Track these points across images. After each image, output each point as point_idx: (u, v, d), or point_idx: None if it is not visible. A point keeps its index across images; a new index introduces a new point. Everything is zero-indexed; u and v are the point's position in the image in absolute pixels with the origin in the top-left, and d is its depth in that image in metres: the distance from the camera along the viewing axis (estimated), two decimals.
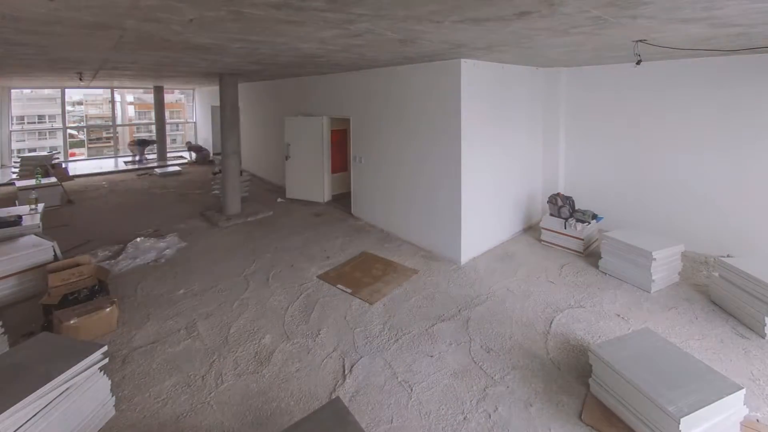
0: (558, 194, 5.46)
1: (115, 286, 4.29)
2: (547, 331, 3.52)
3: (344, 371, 3.04)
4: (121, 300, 4.01)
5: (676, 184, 5.18)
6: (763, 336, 3.38)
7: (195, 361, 3.17)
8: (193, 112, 16.18)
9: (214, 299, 4.10)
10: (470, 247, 5.03)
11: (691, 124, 5.05)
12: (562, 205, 5.34)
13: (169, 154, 13.58)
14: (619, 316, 3.74)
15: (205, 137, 14.48)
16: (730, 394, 2.32)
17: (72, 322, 3.31)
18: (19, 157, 11.27)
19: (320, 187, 7.70)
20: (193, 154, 13.08)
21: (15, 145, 13.02)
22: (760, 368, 3.03)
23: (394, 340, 3.41)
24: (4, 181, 9.53)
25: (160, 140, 13.04)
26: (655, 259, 4.07)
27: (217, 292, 4.23)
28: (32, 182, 7.62)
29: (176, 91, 19.68)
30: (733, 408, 2.35)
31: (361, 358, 3.19)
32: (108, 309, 3.53)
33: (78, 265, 4.09)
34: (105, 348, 2.62)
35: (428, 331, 3.54)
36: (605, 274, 4.56)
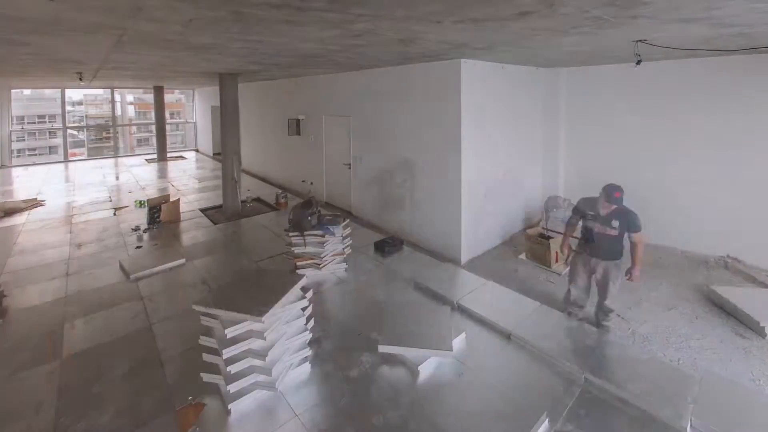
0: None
1: None
2: None
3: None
4: None
5: (676, 184, 5.18)
6: (763, 336, 3.38)
7: None
8: (193, 112, 16.19)
9: None
10: (470, 247, 5.03)
11: (691, 123, 5.05)
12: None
13: (169, 154, 13.62)
14: (618, 315, 3.74)
15: (205, 137, 14.49)
16: None
17: None
18: None
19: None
20: None
21: (15, 145, 13.05)
22: (760, 368, 3.03)
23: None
24: None
25: (161, 139, 13.04)
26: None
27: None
28: None
29: (176, 91, 19.68)
30: None
31: None
32: None
33: None
34: None
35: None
36: None
